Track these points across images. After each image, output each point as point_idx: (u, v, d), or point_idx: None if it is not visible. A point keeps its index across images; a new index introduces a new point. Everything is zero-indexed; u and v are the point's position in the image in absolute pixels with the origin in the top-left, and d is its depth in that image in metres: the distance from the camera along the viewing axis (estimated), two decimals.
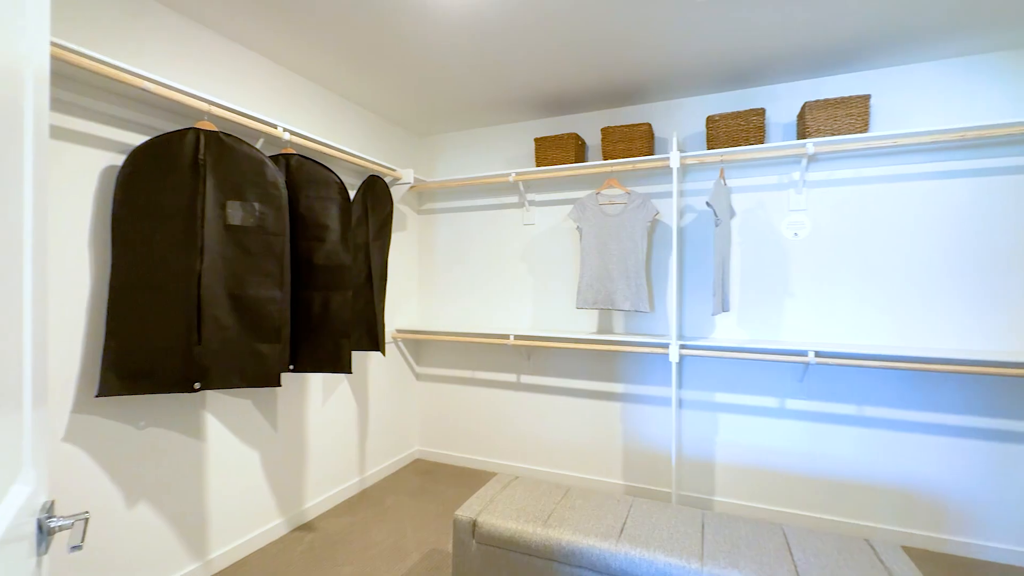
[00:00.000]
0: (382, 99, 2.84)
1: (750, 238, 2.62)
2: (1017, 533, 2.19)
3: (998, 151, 2.21)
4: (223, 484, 2.15)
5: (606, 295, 2.65)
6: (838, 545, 1.50)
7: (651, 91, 2.69)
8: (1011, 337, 2.20)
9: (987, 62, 2.24)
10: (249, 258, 1.91)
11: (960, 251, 2.27)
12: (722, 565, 1.37)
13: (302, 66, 2.44)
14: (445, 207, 3.43)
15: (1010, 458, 2.20)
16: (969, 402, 2.26)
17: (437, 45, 2.22)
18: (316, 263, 2.18)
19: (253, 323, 1.92)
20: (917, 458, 2.33)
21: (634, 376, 2.87)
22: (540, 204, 3.12)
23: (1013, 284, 2.20)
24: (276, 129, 2.13)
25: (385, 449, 3.20)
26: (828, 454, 2.47)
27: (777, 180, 2.56)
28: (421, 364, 3.51)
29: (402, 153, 3.35)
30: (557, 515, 1.66)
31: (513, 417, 3.20)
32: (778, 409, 2.56)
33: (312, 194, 2.17)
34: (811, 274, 2.51)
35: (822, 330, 2.49)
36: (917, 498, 2.33)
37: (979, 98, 2.25)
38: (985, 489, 2.23)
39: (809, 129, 2.31)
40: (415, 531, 2.47)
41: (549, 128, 3.11)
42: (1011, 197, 2.20)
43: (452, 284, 3.41)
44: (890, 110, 2.38)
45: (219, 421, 2.14)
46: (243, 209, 1.90)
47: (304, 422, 2.58)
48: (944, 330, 2.30)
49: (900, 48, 2.20)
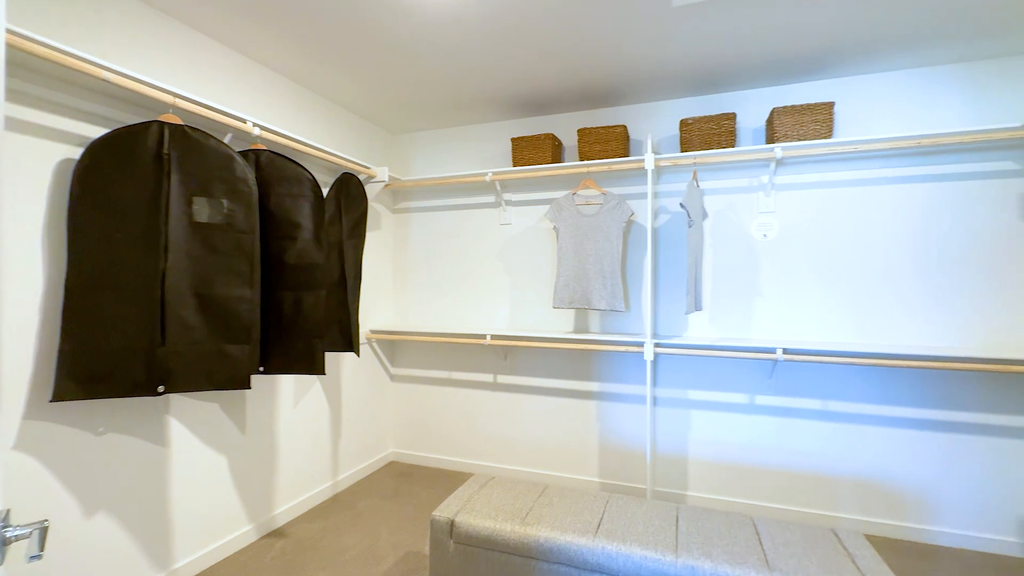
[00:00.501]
0: (356, 95, 2.80)
1: (721, 239, 2.69)
2: (967, 518, 2.31)
3: (950, 158, 2.34)
4: (188, 491, 2.07)
5: (582, 294, 2.67)
6: (805, 535, 1.55)
7: (627, 94, 2.74)
8: (961, 333, 2.32)
9: (942, 73, 2.36)
10: (217, 256, 1.85)
11: (916, 253, 2.39)
12: (695, 556, 1.40)
13: (273, 60, 2.38)
14: (420, 206, 3.40)
15: (960, 447, 2.32)
16: (923, 395, 2.37)
17: (413, 42, 2.20)
18: (287, 262, 2.12)
19: (221, 323, 1.85)
20: (877, 450, 2.44)
21: (610, 375, 2.90)
22: (517, 204, 3.13)
23: (962, 284, 2.32)
24: (245, 124, 2.06)
25: (359, 452, 3.14)
26: (795, 448, 2.56)
27: (747, 183, 2.64)
28: (396, 365, 3.47)
29: (376, 150, 3.30)
30: (535, 513, 1.66)
31: (489, 417, 3.20)
32: (748, 405, 2.64)
33: (283, 191, 2.11)
34: (779, 274, 2.59)
35: (789, 328, 2.58)
36: (877, 488, 2.43)
37: (935, 107, 2.37)
38: (938, 477, 2.35)
39: (777, 134, 2.39)
40: (390, 534, 2.43)
41: (526, 128, 3.12)
42: (962, 202, 2.32)
43: (428, 284, 3.38)
44: (853, 117, 2.48)
45: (184, 425, 2.06)
46: (211, 206, 1.84)
47: (274, 425, 2.51)
48: (902, 327, 2.41)
49: (862, 58, 2.30)
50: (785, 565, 1.36)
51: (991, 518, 2.28)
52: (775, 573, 1.33)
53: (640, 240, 2.82)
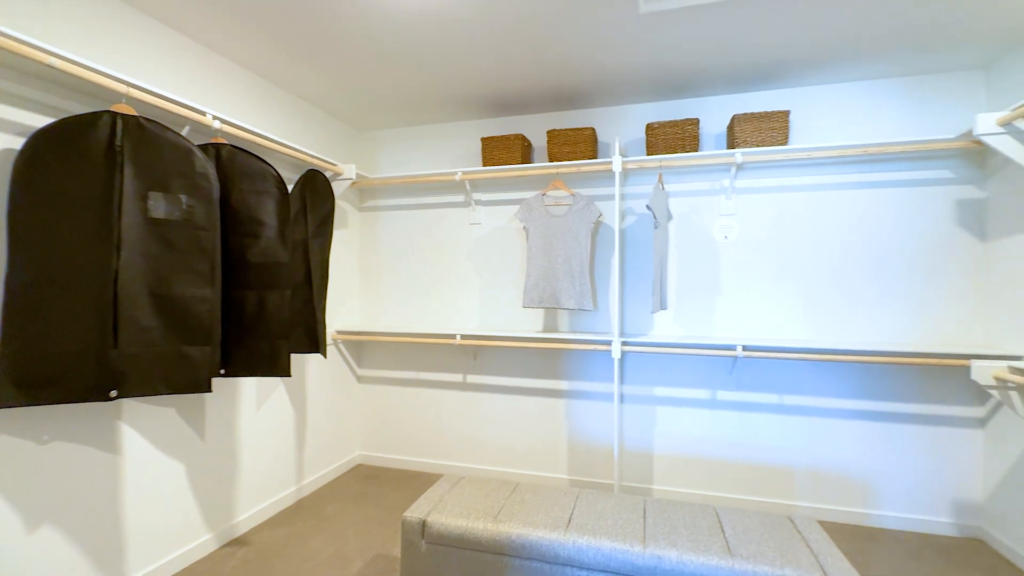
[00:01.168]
0: (321, 90, 2.74)
1: (685, 240, 2.78)
2: (907, 502, 2.48)
3: (894, 166, 2.50)
4: (142, 500, 1.97)
5: (551, 294, 2.70)
6: (763, 522, 1.62)
7: (595, 97, 2.79)
8: (905, 330, 2.49)
9: (887, 86, 2.52)
10: (175, 254, 1.77)
11: (863, 254, 2.54)
12: (662, 546, 1.45)
13: (235, 52, 2.30)
14: (388, 204, 3.35)
15: (901, 436, 2.49)
16: (869, 388, 2.53)
17: (382, 39, 2.17)
18: (250, 260, 2.05)
19: (180, 324, 1.78)
20: (828, 440, 2.58)
21: (578, 373, 2.95)
22: (486, 204, 3.13)
23: (905, 284, 2.49)
24: (205, 117, 1.98)
25: (325, 455, 3.07)
26: (754, 441, 2.67)
27: (709, 186, 2.74)
28: (363, 366, 3.41)
29: (341, 147, 3.24)
30: (507, 510, 1.67)
31: (459, 417, 3.19)
32: (710, 400, 2.74)
33: (246, 187, 2.04)
34: (739, 274, 2.71)
35: (749, 326, 2.69)
36: (828, 476, 2.58)
37: (880, 118, 2.53)
38: (881, 465, 2.51)
39: (737, 140, 2.49)
40: (358, 537, 2.39)
41: (495, 128, 3.13)
42: (904, 207, 2.49)
43: (396, 284, 3.34)
44: (806, 125, 2.62)
45: (137, 432, 1.96)
46: (168, 201, 1.76)
47: (235, 430, 2.42)
48: (852, 324, 2.56)
49: (815, 70, 2.43)
50: (745, 551, 1.43)
51: (928, 501, 2.46)
52: (736, 558, 1.39)
53: (608, 241, 2.88)
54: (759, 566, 1.36)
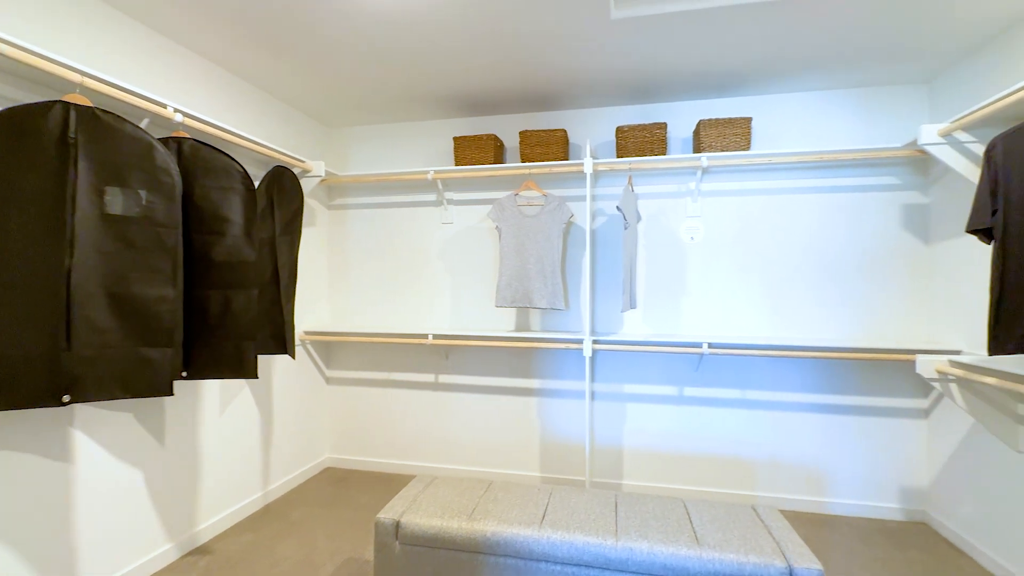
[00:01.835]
0: (289, 85, 2.67)
1: (653, 241, 2.86)
2: (857, 489, 2.63)
3: (846, 172, 2.64)
4: (97, 510, 1.88)
5: (524, 293, 2.73)
6: (728, 512, 1.69)
7: (566, 99, 2.83)
8: (857, 327, 2.63)
9: (841, 96, 2.66)
10: (133, 252, 1.69)
11: (819, 255, 2.67)
12: (634, 538, 1.49)
13: (198, 43, 2.21)
14: (358, 203, 3.30)
15: (854, 427, 2.63)
16: (825, 382, 2.66)
17: (353, 35, 2.14)
18: (215, 259, 1.98)
19: (139, 325, 1.70)
20: (787, 433, 2.70)
21: (550, 371, 2.98)
22: (458, 203, 3.13)
23: (858, 283, 2.63)
24: (166, 109, 1.91)
25: (292, 459, 2.99)
26: (719, 434, 2.77)
27: (676, 188, 2.82)
28: (332, 367, 3.34)
29: (309, 144, 3.16)
30: (481, 508, 1.68)
31: (431, 418, 3.17)
32: (677, 396, 2.82)
33: (210, 183, 1.97)
34: (705, 274, 2.80)
35: (714, 324, 2.79)
36: (787, 467, 2.70)
37: (835, 126, 2.67)
38: (835, 455, 2.65)
39: (703, 144, 2.58)
40: (328, 542, 2.35)
41: (468, 128, 3.13)
42: (856, 211, 2.63)
43: (366, 283, 3.29)
44: (767, 132, 2.73)
45: (91, 439, 1.87)
46: (126, 197, 1.68)
47: (198, 435, 2.34)
48: (810, 322, 2.69)
49: (775, 79, 2.54)
50: (712, 540, 1.49)
51: (877, 488, 2.61)
52: (704, 548, 1.45)
53: (579, 241, 2.93)
54: (725, 554, 1.42)
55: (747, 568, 1.38)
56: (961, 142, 2.08)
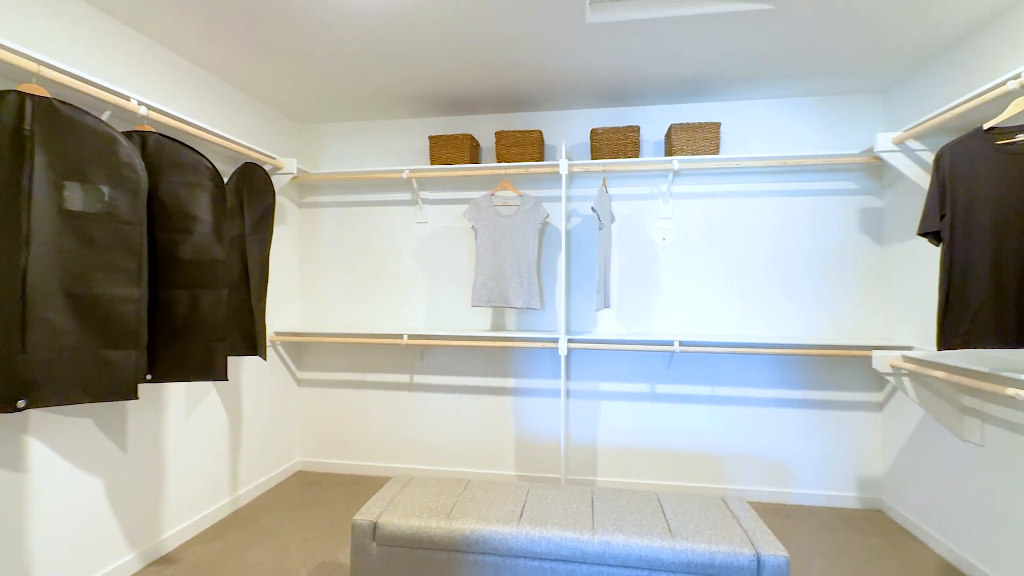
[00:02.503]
0: (258, 80, 2.60)
1: (627, 241, 2.92)
2: (818, 479, 2.75)
3: (809, 177, 2.76)
4: (54, 521, 1.79)
5: (500, 293, 2.74)
6: (700, 504, 1.75)
7: (542, 101, 2.86)
8: (819, 325, 2.76)
9: (804, 104, 2.78)
10: (95, 251, 1.63)
11: (783, 256, 2.78)
12: (610, 532, 1.53)
13: (163, 33, 2.14)
14: (330, 201, 3.24)
15: (814, 420, 2.75)
16: (787, 378, 2.78)
17: (326, 30, 2.10)
18: (182, 258, 1.92)
19: (101, 327, 1.63)
20: (753, 427, 2.80)
21: (525, 370, 3.01)
22: (434, 202, 3.12)
23: (818, 283, 2.75)
24: (129, 102, 1.83)
25: (262, 463, 2.92)
26: (689, 430, 2.85)
27: (649, 190, 2.89)
28: (303, 369, 3.28)
29: (280, 140, 3.09)
30: (459, 508, 1.69)
31: (405, 419, 3.15)
32: (650, 393, 2.89)
33: (177, 180, 1.90)
34: (676, 274, 2.88)
35: (685, 322, 2.87)
36: (753, 460, 2.80)
37: (798, 132, 2.78)
38: (798, 447, 2.77)
39: (674, 148, 2.65)
40: (300, 546, 2.31)
41: (443, 127, 3.12)
42: (817, 214, 2.75)
43: (338, 283, 3.24)
44: (735, 136, 2.83)
45: (47, 446, 1.78)
46: (87, 193, 1.61)
47: (162, 440, 2.26)
48: (776, 320, 2.79)
49: (742, 86, 2.63)
50: (685, 531, 1.54)
51: (836, 478, 2.74)
52: (677, 539, 1.49)
53: (554, 241, 2.96)
54: (697, 544, 1.47)
55: (718, 557, 1.43)
56: (913, 150, 2.21)
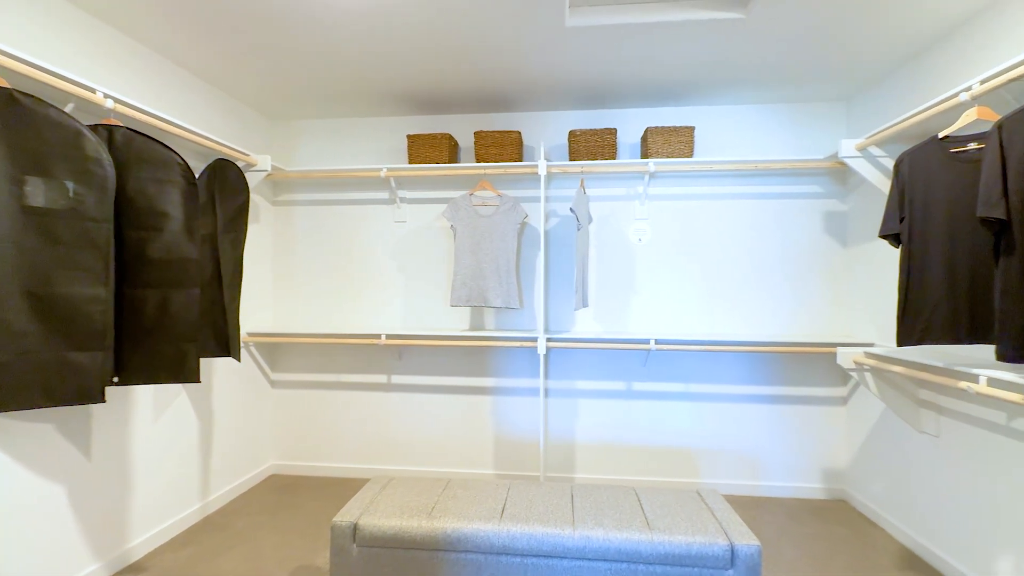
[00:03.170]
0: (230, 74, 2.54)
1: (604, 242, 2.97)
2: (786, 471, 2.86)
3: (777, 180, 2.86)
4: (13, 532, 1.71)
5: (479, 293, 2.75)
6: (676, 497, 1.80)
7: (521, 102, 2.88)
8: (784, 322, 2.86)
9: (773, 110, 2.88)
10: (58, 249, 1.56)
11: (754, 256, 2.88)
12: (590, 526, 1.56)
13: (131, 25, 2.06)
14: (305, 199, 3.19)
15: (782, 415, 2.86)
16: (757, 374, 2.87)
17: (303, 24, 2.07)
18: (151, 256, 1.86)
19: (65, 328, 1.57)
20: (725, 422, 2.89)
21: (504, 370, 3.02)
22: (412, 202, 3.10)
23: (786, 283, 2.86)
24: (95, 94, 1.77)
25: (234, 467, 2.85)
26: (664, 426, 2.92)
27: (625, 192, 2.94)
28: (277, 370, 3.21)
29: (251, 136, 3.01)
30: (441, 506, 1.69)
31: (383, 419, 3.12)
32: (626, 391, 2.94)
33: (146, 176, 1.84)
34: (652, 274, 2.94)
35: (660, 321, 2.93)
36: (726, 454, 2.89)
37: (767, 137, 2.88)
38: (766, 441, 2.87)
39: (650, 150, 2.71)
40: (276, 551, 2.26)
41: (422, 126, 3.10)
42: (785, 216, 2.86)
43: (314, 283, 3.19)
44: (708, 140, 2.91)
45: (5, 452, 1.69)
46: (49, 188, 1.54)
47: (129, 445, 2.18)
48: (747, 319, 2.89)
49: (715, 92, 2.71)
50: (662, 524, 1.58)
51: (803, 470, 2.85)
52: (655, 531, 1.53)
53: (533, 241, 2.98)
54: (675, 536, 1.51)
55: (694, 547, 1.48)
56: (874, 156, 2.32)
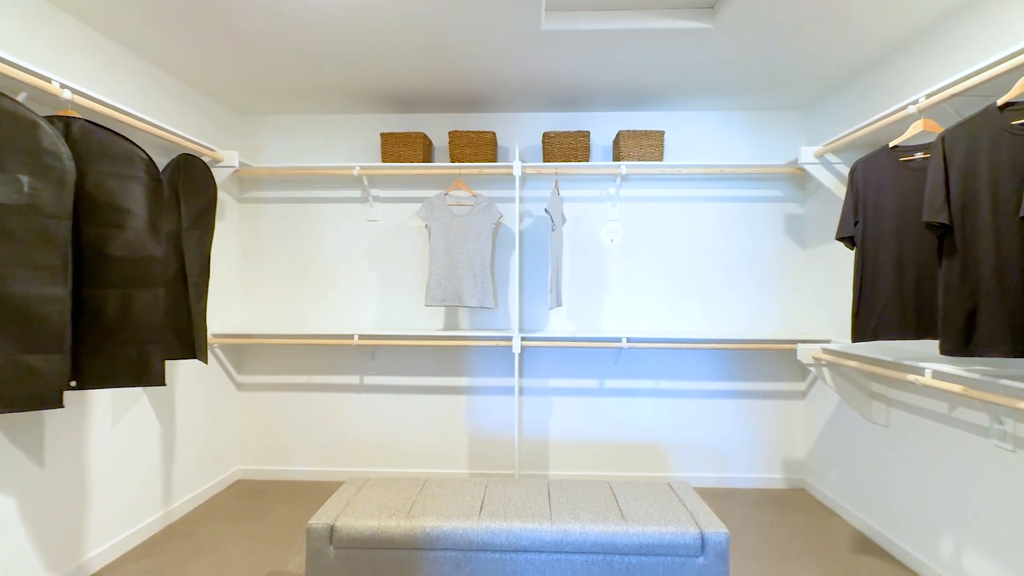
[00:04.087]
0: (196, 68, 2.45)
1: (577, 242, 3.02)
2: (750, 463, 2.98)
3: (742, 184, 2.98)
4: None
5: (454, 292, 2.75)
6: (649, 490, 1.86)
7: (496, 102, 2.90)
8: (748, 321, 2.99)
9: (738, 117, 3.00)
10: (12, 246, 1.48)
11: (719, 257, 2.99)
12: (567, 520, 1.60)
13: (90, 14, 1.97)
14: (274, 196, 3.11)
15: (744, 409, 2.98)
16: (722, 370, 2.99)
17: (273, 18, 2.02)
18: (113, 254, 1.78)
19: (18, 329, 1.49)
20: (693, 417, 2.99)
21: (479, 369, 3.03)
22: (385, 201, 3.07)
23: (750, 283, 2.99)
24: (50, 84, 1.68)
25: (198, 473, 2.75)
26: (635, 422, 3.00)
27: (598, 193, 3.01)
28: (244, 372, 3.12)
29: (216, 131, 2.91)
30: (419, 505, 1.69)
31: (355, 421, 3.08)
32: (599, 388, 3.01)
33: (107, 170, 1.76)
34: (623, 274, 3.02)
35: (632, 320, 3.01)
36: (693, 448, 2.99)
37: (733, 143, 3.00)
38: (731, 434, 2.99)
39: (622, 153, 2.77)
40: (244, 558, 2.20)
41: (396, 125, 3.08)
42: (748, 219, 2.98)
43: (282, 282, 3.11)
44: (678, 145, 3.01)
45: None
46: (2, 182, 1.46)
47: (85, 451, 2.08)
48: (712, 317, 3.00)
49: (684, 97, 2.81)
50: (636, 515, 1.63)
51: (765, 462, 2.98)
52: (629, 522, 1.58)
53: (507, 241, 3.01)
54: (648, 527, 1.56)
55: (667, 537, 1.53)
56: (831, 163, 2.45)
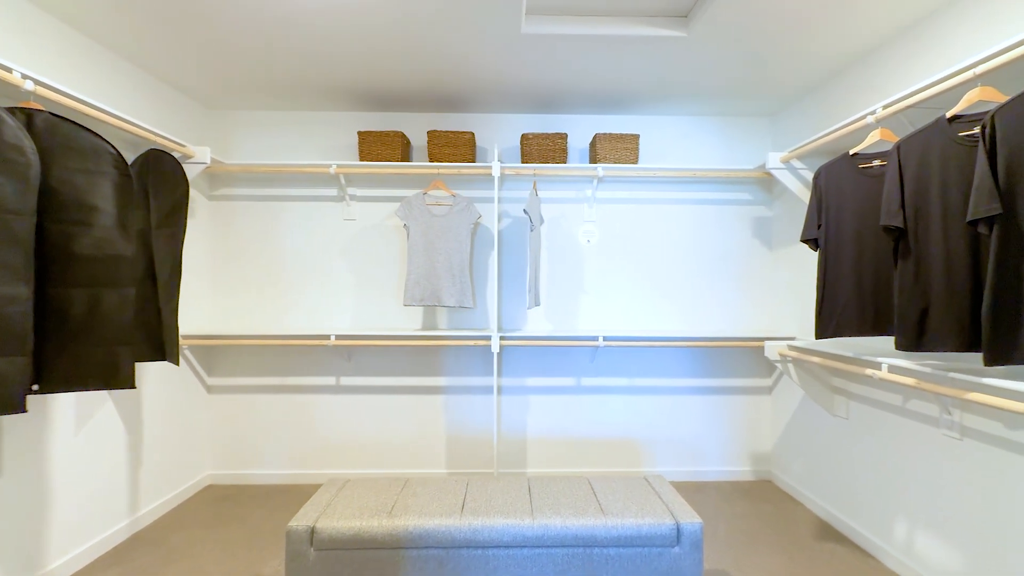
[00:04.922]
0: (165, 60, 2.38)
1: (554, 243, 3.07)
2: (720, 457, 3.09)
3: (713, 187, 3.09)
4: None
5: (433, 292, 2.75)
6: (626, 484, 1.91)
7: (475, 103, 2.91)
8: (719, 319, 3.09)
9: (709, 122, 3.11)
10: None
11: (692, 258, 3.09)
12: (548, 515, 1.63)
13: (53, 2, 1.89)
14: (247, 194, 3.04)
15: (715, 405, 3.09)
16: (695, 368, 3.09)
17: (246, 12, 1.99)
18: (79, 253, 1.71)
19: None
20: (667, 413, 3.08)
21: (457, 368, 3.04)
22: (362, 200, 3.04)
23: (720, 283, 3.09)
24: (11, 75, 1.61)
25: (166, 478, 2.67)
26: (611, 419, 3.07)
27: (575, 195, 3.06)
28: (214, 374, 3.04)
29: (185, 125, 2.83)
30: (401, 505, 1.69)
31: (331, 423, 3.04)
32: (575, 387, 3.06)
33: (73, 166, 1.70)
34: (599, 274, 3.08)
35: (608, 319, 3.08)
36: (668, 443, 3.08)
37: (704, 147, 3.11)
38: (703, 429, 3.09)
39: (599, 156, 2.83)
40: (217, 565, 2.15)
41: (374, 123, 3.05)
42: (719, 221, 3.09)
43: (255, 282, 3.05)
44: (652, 148, 3.09)
45: None
46: None
47: (47, 459, 1.99)
48: (684, 315, 3.09)
49: (658, 102, 2.88)
50: (615, 508, 1.68)
51: (735, 455, 3.09)
52: (608, 516, 1.63)
53: (486, 241, 3.03)
54: (626, 519, 1.61)
55: (644, 528, 1.59)
56: (796, 168, 2.57)
